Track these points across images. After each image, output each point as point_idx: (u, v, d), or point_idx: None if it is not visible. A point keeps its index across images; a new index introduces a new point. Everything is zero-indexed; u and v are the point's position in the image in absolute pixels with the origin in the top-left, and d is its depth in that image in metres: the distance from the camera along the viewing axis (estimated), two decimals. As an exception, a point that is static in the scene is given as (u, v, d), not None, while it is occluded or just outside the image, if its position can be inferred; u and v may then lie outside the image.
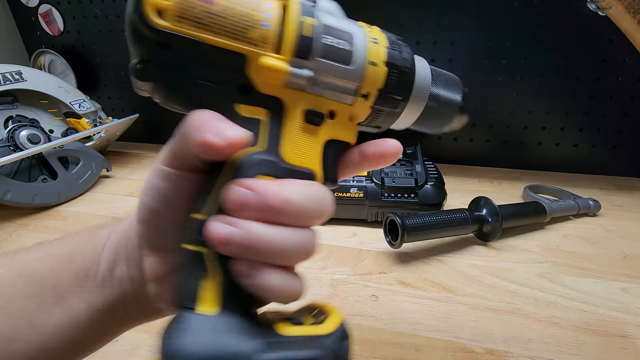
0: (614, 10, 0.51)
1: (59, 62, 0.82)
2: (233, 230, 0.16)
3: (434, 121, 0.24)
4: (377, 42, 0.20)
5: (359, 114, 0.21)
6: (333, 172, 0.21)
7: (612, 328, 0.35)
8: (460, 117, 0.24)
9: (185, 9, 0.16)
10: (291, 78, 0.18)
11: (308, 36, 0.18)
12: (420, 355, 0.32)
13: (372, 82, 0.20)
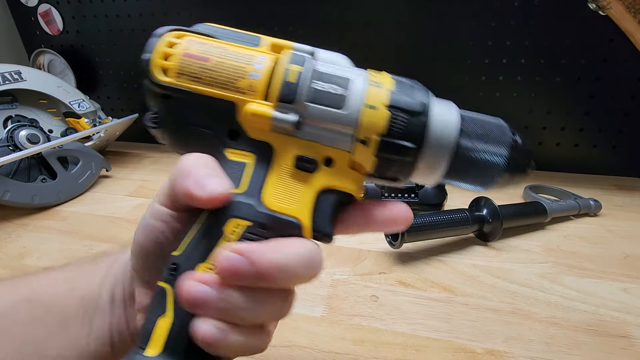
0: (615, 9, 0.51)
1: (59, 61, 0.82)
2: (209, 292, 0.16)
3: (471, 177, 0.21)
4: (379, 85, 0.20)
5: (361, 162, 0.20)
6: (327, 224, 0.19)
7: (613, 328, 0.34)
8: (509, 176, 0.21)
9: (184, 66, 0.19)
10: (275, 122, 0.19)
11: (292, 82, 0.19)
12: (421, 356, 0.32)
13: (370, 126, 0.19)
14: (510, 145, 0.20)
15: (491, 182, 0.21)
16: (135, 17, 0.75)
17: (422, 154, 0.19)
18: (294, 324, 0.35)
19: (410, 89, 0.20)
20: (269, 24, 0.69)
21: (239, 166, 0.19)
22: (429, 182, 0.21)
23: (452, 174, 0.20)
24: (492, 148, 0.20)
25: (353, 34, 0.66)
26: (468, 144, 0.20)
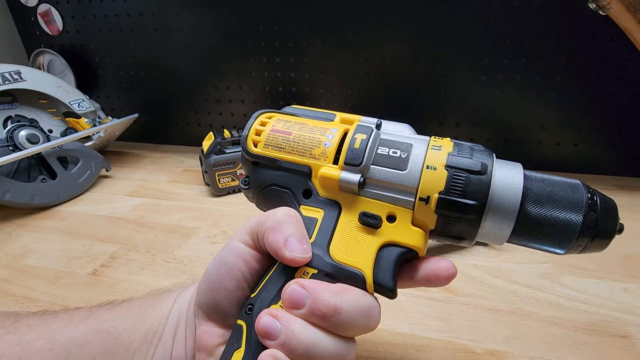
0: (615, 9, 0.51)
1: (58, 61, 0.82)
2: (276, 326, 0.18)
3: (543, 239, 0.20)
4: (439, 148, 0.21)
5: (423, 219, 0.21)
6: (389, 278, 0.20)
7: (613, 328, 0.34)
8: (588, 240, 0.20)
9: (270, 139, 0.24)
10: (342, 183, 0.22)
11: (357, 148, 0.22)
12: (420, 355, 0.32)
13: (430, 185, 0.20)
14: (587, 206, 0.19)
15: (568, 244, 0.20)
16: (135, 17, 0.75)
17: (486, 213, 0.20)
18: (294, 324, 0.35)
19: (470, 151, 0.21)
20: (269, 24, 0.69)
21: (311, 221, 0.22)
22: (498, 242, 0.22)
23: (521, 235, 0.21)
24: (563, 210, 0.20)
25: (353, 33, 0.66)
26: (534, 205, 0.20)
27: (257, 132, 0.24)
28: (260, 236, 0.21)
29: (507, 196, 0.20)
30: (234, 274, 0.21)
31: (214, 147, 0.60)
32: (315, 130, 0.24)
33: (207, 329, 0.22)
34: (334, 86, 0.71)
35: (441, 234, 0.22)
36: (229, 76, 0.76)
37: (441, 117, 0.69)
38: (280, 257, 0.20)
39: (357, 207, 0.22)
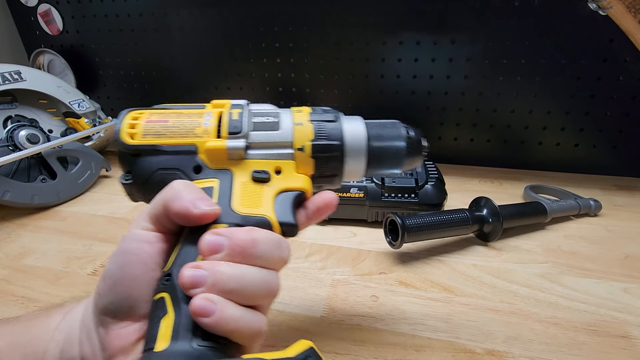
0: (615, 9, 0.51)
1: (58, 61, 0.82)
2: (201, 273, 0.19)
3: (386, 164, 0.28)
4: (300, 111, 0.27)
5: (304, 166, 0.26)
6: (289, 216, 0.24)
7: (613, 328, 0.34)
8: (411, 159, 0.28)
9: (148, 129, 0.25)
10: (230, 150, 0.24)
11: (236, 119, 0.25)
12: (421, 356, 0.32)
13: (302, 136, 0.26)
14: (406, 137, 0.28)
15: (400, 164, 0.28)
16: (135, 17, 0.75)
17: (346, 150, 0.26)
18: (294, 324, 0.35)
19: (322, 111, 0.28)
20: (268, 24, 0.69)
21: (208, 189, 0.23)
22: (359, 174, 0.27)
23: (372, 165, 0.27)
24: (393, 141, 0.27)
25: (353, 32, 0.66)
26: (375, 141, 0.27)
27: (131, 126, 0.25)
28: (161, 214, 0.21)
29: (357, 136, 0.26)
30: (139, 259, 0.21)
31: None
32: (191, 115, 0.26)
33: (118, 331, 0.20)
34: (334, 87, 0.71)
35: (320, 177, 0.27)
36: (229, 76, 0.76)
37: (441, 117, 0.69)
38: (190, 217, 0.20)
39: (247, 168, 0.24)
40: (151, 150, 0.24)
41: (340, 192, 0.50)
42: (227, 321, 0.18)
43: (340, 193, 0.50)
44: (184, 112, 0.26)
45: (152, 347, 0.18)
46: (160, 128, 0.25)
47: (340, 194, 0.50)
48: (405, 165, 0.28)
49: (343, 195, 0.50)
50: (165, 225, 0.22)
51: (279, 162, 0.25)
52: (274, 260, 0.21)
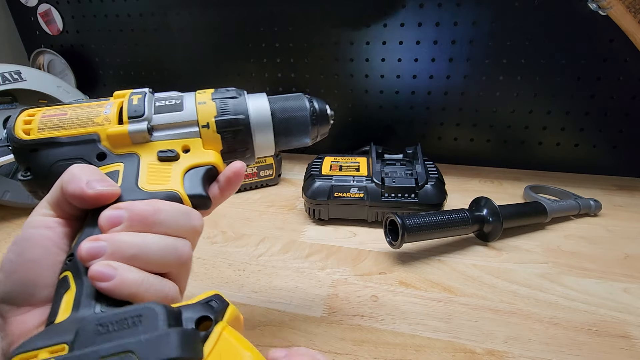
0: (615, 9, 0.51)
1: (58, 61, 0.82)
2: (100, 244, 0.18)
3: (294, 135, 0.29)
4: (203, 92, 0.28)
5: (211, 142, 0.27)
6: (200, 189, 0.24)
7: (613, 328, 0.34)
8: (317, 127, 0.29)
9: (45, 123, 0.25)
10: (132, 134, 0.24)
11: (137, 104, 0.26)
12: (420, 356, 0.32)
13: (206, 114, 0.26)
14: (309, 107, 0.29)
15: (307, 133, 0.29)
16: (135, 17, 0.75)
17: (251, 123, 0.27)
18: (293, 324, 0.35)
19: (225, 90, 0.28)
20: (268, 24, 0.69)
21: (113, 173, 0.23)
22: (269, 147, 0.28)
23: (281, 136, 0.28)
24: (297, 111, 0.29)
25: (353, 33, 0.66)
26: (279, 113, 0.28)
27: (26, 122, 0.25)
28: (60, 199, 0.21)
29: (261, 110, 0.28)
30: (37, 243, 0.20)
31: (214, 147, 0.60)
32: (91, 107, 0.26)
33: (19, 317, 0.19)
34: (335, 87, 0.71)
35: (230, 151, 0.27)
36: (229, 77, 0.76)
37: (441, 117, 0.69)
38: (85, 198, 0.20)
39: (153, 149, 0.25)
40: (49, 144, 0.24)
41: (340, 192, 0.51)
42: (128, 285, 0.18)
43: (339, 193, 0.50)
44: (84, 105, 0.26)
45: (53, 321, 0.17)
46: (57, 121, 0.25)
47: (340, 194, 0.50)
48: (312, 133, 0.29)
49: (343, 195, 0.50)
50: (65, 210, 0.21)
51: (185, 140, 0.26)
52: (181, 227, 0.21)
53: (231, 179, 0.27)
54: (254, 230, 0.51)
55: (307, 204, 0.52)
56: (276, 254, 0.46)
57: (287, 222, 0.53)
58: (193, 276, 0.43)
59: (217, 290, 0.19)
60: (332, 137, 0.76)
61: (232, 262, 0.45)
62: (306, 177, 0.54)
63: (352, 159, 0.57)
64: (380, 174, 0.52)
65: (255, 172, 0.62)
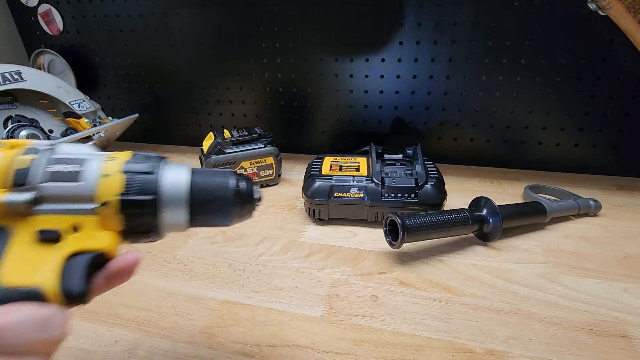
0: (615, 10, 0.51)
1: (59, 61, 0.82)
2: None
3: (212, 218, 0.26)
4: (114, 159, 0.24)
5: (110, 222, 0.22)
6: (77, 283, 0.20)
7: (613, 328, 0.34)
8: (240, 209, 0.26)
9: None
10: (7, 205, 0.20)
11: (23, 168, 0.21)
12: (420, 356, 0.32)
13: (108, 190, 0.22)
14: (234, 188, 0.26)
15: (228, 216, 0.26)
16: (135, 17, 0.75)
17: (161, 206, 0.23)
18: (294, 324, 0.35)
19: (144, 158, 0.24)
20: (269, 24, 0.69)
21: None
22: (181, 227, 0.25)
23: (197, 217, 0.25)
24: (220, 192, 0.25)
25: (353, 34, 0.66)
26: (200, 191, 0.25)
27: None
28: None
29: (176, 190, 0.24)
30: None
31: (214, 147, 0.60)
32: None
33: None
34: (335, 87, 0.71)
35: (131, 233, 0.24)
36: (229, 77, 0.76)
37: (441, 117, 0.69)
38: None
39: (33, 226, 0.21)
40: None
41: (340, 192, 0.51)
42: None
43: (339, 193, 0.51)
44: None
45: None
46: None
47: (340, 194, 0.50)
48: (234, 216, 0.26)
49: (343, 195, 0.50)
50: None
51: (77, 218, 0.22)
52: (34, 345, 0.18)
53: (121, 272, 0.23)
54: (254, 230, 0.51)
55: (307, 204, 0.52)
56: (276, 253, 0.46)
57: (287, 222, 0.54)
58: (193, 276, 0.43)
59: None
60: (332, 137, 0.76)
61: (232, 262, 0.45)
62: (306, 177, 0.54)
63: (352, 159, 0.57)
64: (380, 174, 0.52)
65: (255, 172, 0.62)
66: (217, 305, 0.38)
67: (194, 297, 0.39)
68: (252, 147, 0.61)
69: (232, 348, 0.33)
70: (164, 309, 0.38)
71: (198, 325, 0.35)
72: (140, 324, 0.36)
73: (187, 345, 0.33)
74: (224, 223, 0.26)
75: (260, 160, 0.62)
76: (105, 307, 0.38)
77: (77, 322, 0.36)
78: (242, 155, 0.60)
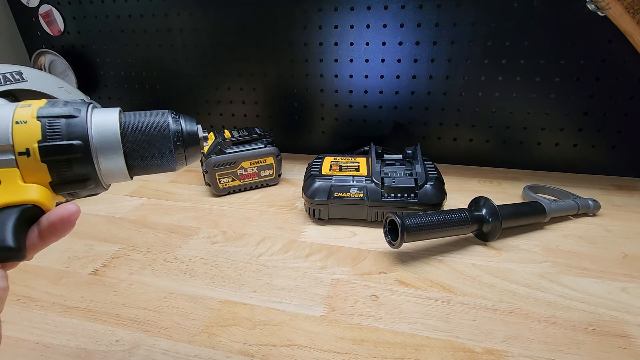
0: (614, 10, 0.51)
1: (60, 62, 0.82)
2: None
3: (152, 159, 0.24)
4: (28, 106, 0.22)
5: (34, 173, 0.21)
6: (9, 238, 0.19)
7: (612, 328, 0.35)
8: (183, 151, 0.24)
9: None
10: None
11: None
12: (420, 355, 0.32)
13: (26, 137, 0.21)
14: (172, 126, 0.24)
15: (170, 158, 0.24)
16: (136, 18, 0.75)
17: (94, 150, 0.22)
18: (294, 323, 0.36)
19: (64, 103, 0.22)
20: (269, 24, 0.69)
21: None
22: (121, 174, 0.24)
23: (136, 161, 0.23)
24: (157, 131, 0.23)
25: (353, 34, 0.66)
26: (134, 133, 0.23)
27: None
28: None
29: (107, 132, 0.22)
30: None
31: (215, 148, 0.60)
32: None
33: None
34: (335, 86, 0.71)
35: (64, 183, 0.22)
36: (229, 77, 0.76)
37: (440, 117, 0.69)
38: None
39: None
40: None
41: (340, 192, 0.51)
42: None
43: (339, 193, 0.51)
44: None
45: None
46: None
47: (340, 194, 0.51)
48: (178, 158, 0.24)
49: (343, 195, 0.51)
50: None
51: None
52: None
53: (56, 226, 0.22)
54: (254, 230, 0.52)
55: (307, 204, 0.53)
56: (276, 253, 0.46)
57: (287, 222, 0.54)
58: (194, 276, 0.43)
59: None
60: (332, 137, 0.76)
61: (232, 262, 0.45)
62: (306, 177, 0.55)
63: (352, 159, 0.57)
64: (379, 174, 0.52)
65: (255, 172, 0.62)
66: (218, 304, 0.38)
67: (195, 297, 0.39)
68: (252, 147, 0.61)
69: (232, 347, 0.33)
70: (164, 308, 0.38)
71: (198, 325, 0.36)
72: (141, 323, 0.36)
73: (187, 344, 0.33)
74: (168, 167, 0.24)
75: (261, 160, 0.62)
76: (106, 307, 0.38)
77: (78, 321, 0.36)
78: (243, 155, 0.60)
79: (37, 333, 0.35)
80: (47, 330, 0.36)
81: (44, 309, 0.38)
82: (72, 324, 0.36)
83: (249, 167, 0.61)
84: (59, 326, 0.36)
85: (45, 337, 0.35)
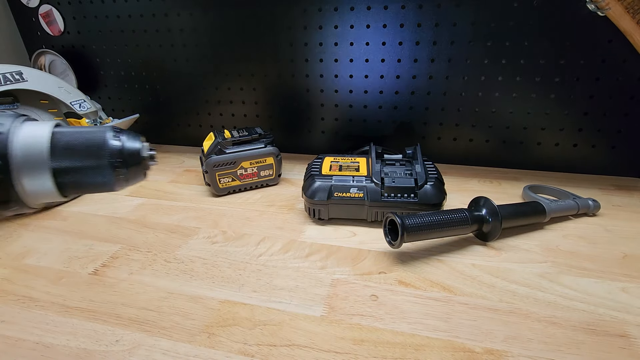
0: (614, 10, 0.51)
1: (60, 62, 0.82)
2: None
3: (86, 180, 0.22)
4: None
5: None
6: None
7: (612, 328, 0.35)
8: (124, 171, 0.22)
9: None
10: None
11: None
12: (420, 355, 0.32)
13: None
14: (110, 144, 0.21)
15: (108, 178, 0.22)
16: (136, 18, 0.75)
17: (16, 170, 0.20)
18: (294, 323, 0.36)
19: None
20: (269, 24, 0.69)
21: None
22: (49, 195, 0.21)
23: (66, 182, 0.21)
24: (93, 150, 0.21)
25: (353, 34, 0.66)
26: (66, 152, 0.21)
27: None
28: None
29: (32, 150, 0.20)
30: None
31: (215, 148, 0.60)
32: None
33: None
34: (335, 87, 0.71)
35: None
36: (229, 77, 0.76)
37: (440, 117, 0.69)
38: None
39: None
40: None
41: (340, 192, 0.51)
42: None
43: (339, 193, 0.51)
44: None
45: None
46: None
47: (340, 194, 0.51)
48: (117, 179, 0.22)
49: (342, 195, 0.51)
50: None
51: None
52: None
53: None
54: (254, 230, 0.52)
55: (307, 204, 0.53)
56: (276, 253, 0.46)
57: (287, 222, 0.54)
58: (194, 276, 0.43)
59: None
60: (332, 137, 0.77)
61: (232, 262, 0.45)
62: (306, 177, 0.55)
63: (352, 159, 0.57)
64: (379, 174, 0.52)
65: (255, 172, 0.62)
66: (218, 304, 0.38)
67: (195, 297, 0.39)
68: (252, 147, 0.61)
69: (232, 347, 0.33)
70: (164, 308, 0.38)
71: (198, 325, 0.36)
72: (141, 323, 0.36)
73: (187, 344, 0.34)
74: (106, 187, 0.22)
75: (261, 160, 0.62)
76: (106, 307, 0.38)
77: (78, 321, 0.36)
78: (242, 156, 0.60)
79: (37, 333, 0.35)
80: (47, 330, 0.36)
81: (44, 309, 0.38)
82: (72, 324, 0.36)
83: (249, 167, 0.61)
84: (59, 326, 0.36)
85: (45, 337, 0.35)
